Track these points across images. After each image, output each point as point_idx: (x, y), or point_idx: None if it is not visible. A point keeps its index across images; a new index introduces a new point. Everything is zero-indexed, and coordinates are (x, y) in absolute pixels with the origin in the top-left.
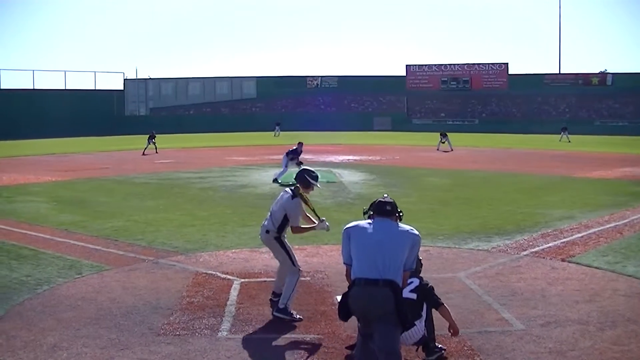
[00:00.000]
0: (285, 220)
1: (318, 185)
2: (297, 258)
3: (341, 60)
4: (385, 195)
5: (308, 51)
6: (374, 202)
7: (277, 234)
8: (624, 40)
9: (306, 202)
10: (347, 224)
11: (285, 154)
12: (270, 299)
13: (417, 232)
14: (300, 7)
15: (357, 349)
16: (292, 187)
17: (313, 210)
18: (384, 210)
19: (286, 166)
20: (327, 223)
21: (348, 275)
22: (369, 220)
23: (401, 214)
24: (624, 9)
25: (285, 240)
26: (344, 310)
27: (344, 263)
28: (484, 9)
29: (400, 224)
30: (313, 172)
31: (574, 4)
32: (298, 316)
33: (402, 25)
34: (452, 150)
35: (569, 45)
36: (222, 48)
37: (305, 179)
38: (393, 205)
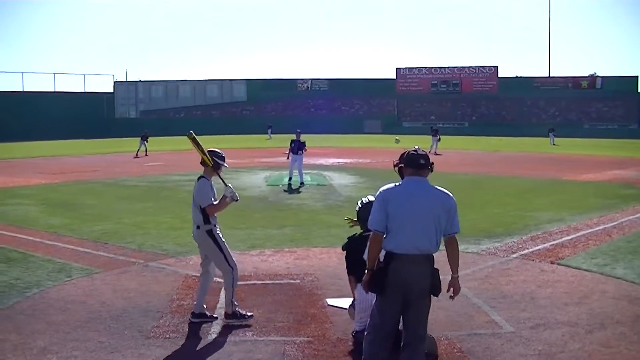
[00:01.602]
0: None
1: (226, 165)
2: (233, 256)
3: (332, 63)
4: (417, 146)
5: (298, 54)
6: (405, 153)
7: (207, 227)
8: (614, 43)
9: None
10: (382, 187)
11: (291, 153)
12: (190, 320)
13: (451, 195)
14: (291, 11)
15: (366, 344)
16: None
17: (222, 181)
18: (417, 164)
19: (296, 161)
20: (231, 189)
21: (375, 242)
22: (402, 183)
23: (432, 166)
24: (614, 12)
25: (219, 234)
26: (380, 284)
27: (374, 229)
28: (474, 13)
29: (436, 186)
30: (219, 152)
31: (564, 8)
32: (249, 314)
33: (393, 28)
34: (435, 153)
35: (558, 49)
36: (212, 51)
37: (213, 160)
38: (426, 157)
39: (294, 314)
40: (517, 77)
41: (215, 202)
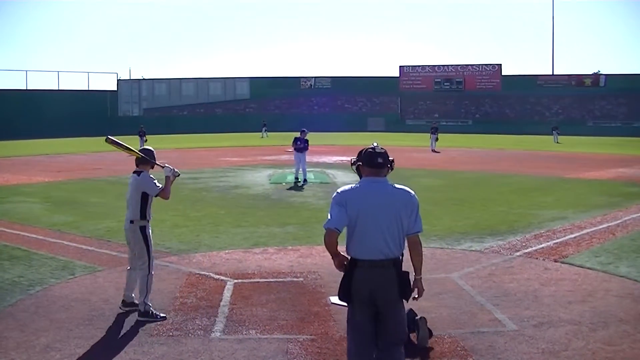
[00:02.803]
0: (144, 200)
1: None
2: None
3: (335, 61)
4: (375, 143)
5: (302, 52)
6: (363, 151)
7: (141, 222)
8: (617, 41)
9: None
10: (339, 188)
11: (295, 150)
12: (120, 308)
13: (412, 193)
14: (294, 8)
15: (350, 354)
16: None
17: (158, 164)
18: (375, 163)
19: (300, 160)
20: (169, 167)
21: (333, 242)
22: (360, 184)
23: (393, 163)
24: (618, 10)
25: (150, 233)
26: (346, 293)
27: (332, 227)
28: (477, 10)
29: (395, 185)
30: (153, 150)
31: (568, 5)
32: (161, 315)
33: (396, 26)
34: (434, 150)
35: (562, 46)
36: (215, 49)
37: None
38: (385, 156)
39: (297, 312)
40: (520, 75)
41: (165, 187)
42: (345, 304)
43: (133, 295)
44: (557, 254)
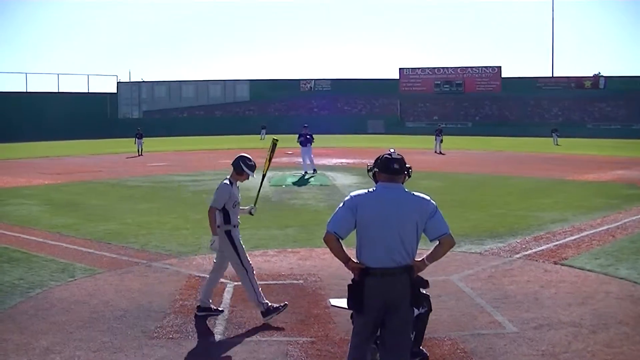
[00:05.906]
0: (224, 209)
1: (253, 175)
2: (248, 258)
3: (334, 63)
4: (392, 149)
5: (301, 54)
6: (380, 157)
7: (227, 227)
8: (617, 43)
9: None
10: (353, 192)
11: (302, 144)
12: (196, 315)
13: (428, 199)
14: (294, 11)
15: (352, 350)
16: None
17: (257, 195)
18: (391, 169)
19: (306, 154)
20: (254, 208)
21: (332, 246)
22: (375, 188)
23: (410, 171)
24: (618, 12)
25: (238, 237)
26: (358, 302)
27: (333, 230)
28: (477, 12)
29: (413, 192)
30: (250, 160)
31: (567, 8)
32: (282, 304)
33: (396, 28)
34: (440, 152)
35: (562, 49)
36: (215, 51)
37: (240, 165)
38: (401, 162)
39: (297, 314)
40: (520, 77)
41: (218, 207)
42: (354, 311)
43: (210, 300)
44: (556, 256)
